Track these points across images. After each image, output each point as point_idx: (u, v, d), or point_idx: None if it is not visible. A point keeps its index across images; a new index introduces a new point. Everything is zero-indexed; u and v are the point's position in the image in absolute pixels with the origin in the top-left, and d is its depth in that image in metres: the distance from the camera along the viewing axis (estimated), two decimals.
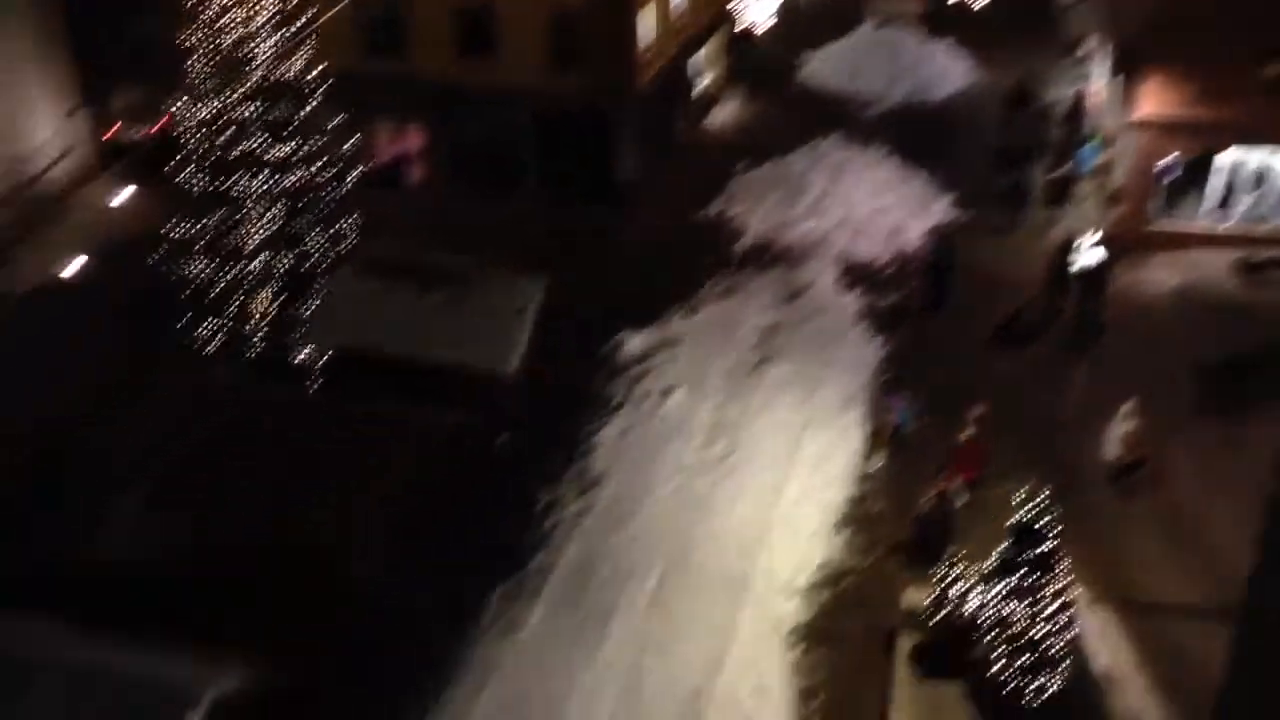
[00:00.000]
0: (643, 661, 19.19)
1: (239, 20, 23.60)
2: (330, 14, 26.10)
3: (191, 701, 16.10)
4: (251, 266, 24.67)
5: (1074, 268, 26.90)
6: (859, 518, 22.61)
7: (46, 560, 20.10)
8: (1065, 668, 18.04)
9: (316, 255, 25.22)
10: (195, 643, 17.24)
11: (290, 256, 24.99)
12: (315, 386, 24.18)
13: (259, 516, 21.16)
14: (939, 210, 31.51)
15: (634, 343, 26.40)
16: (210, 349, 24.58)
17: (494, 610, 20.22)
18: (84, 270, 26.78)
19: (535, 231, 28.81)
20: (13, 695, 15.90)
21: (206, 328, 24.54)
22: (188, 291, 24.57)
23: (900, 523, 21.89)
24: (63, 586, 19.30)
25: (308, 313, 24.75)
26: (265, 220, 24.59)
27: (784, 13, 41.68)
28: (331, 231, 25.51)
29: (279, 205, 24.73)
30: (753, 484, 23.18)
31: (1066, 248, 27.60)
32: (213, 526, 21.04)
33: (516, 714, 18.25)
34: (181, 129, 24.34)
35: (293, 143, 24.62)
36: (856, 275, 29.17)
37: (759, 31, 40.07)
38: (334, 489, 21.69)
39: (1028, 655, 18.01)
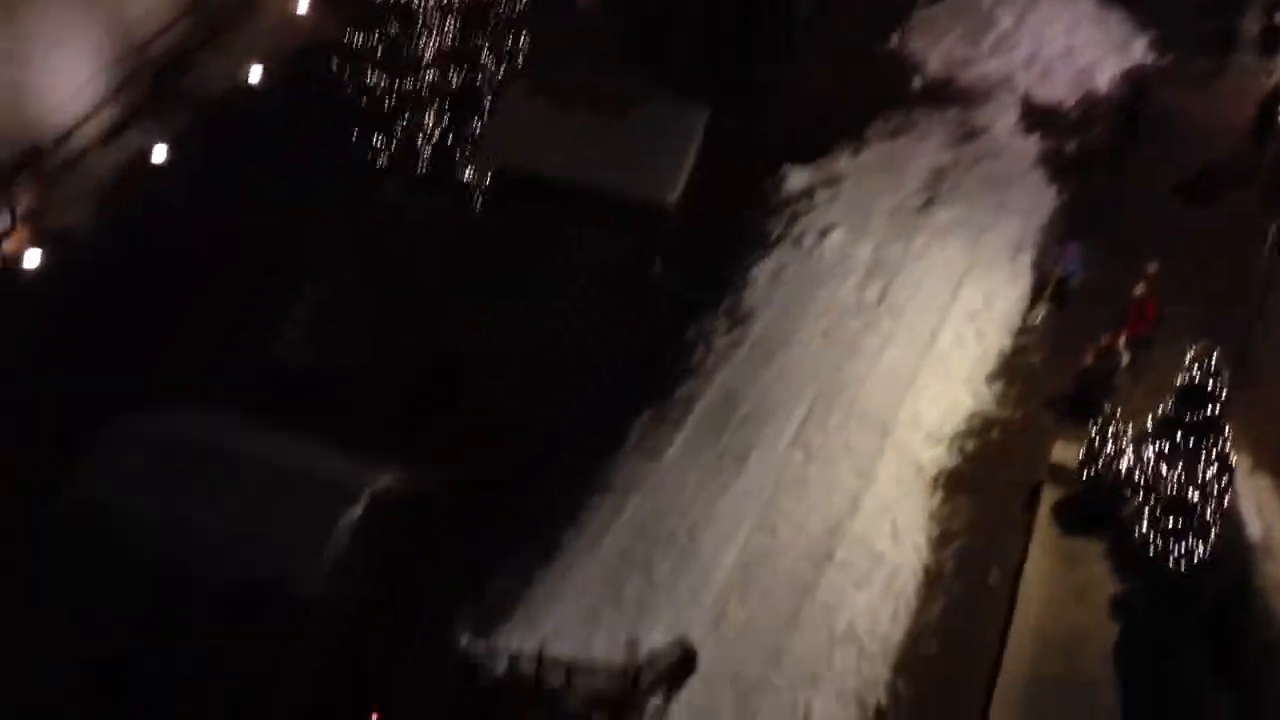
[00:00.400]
0: (779, 498, 19.41)
1: None
2: None
3: (351, 497, 17.02)
4: (423, 82, 24.90)
5: None
6: (1014, 369, 22.09)
7: (225, 356, 21.22)
8: (1215, 533, 17.59)
9: (487, 74, 25.29)
10: (356, 442, 18.18)
11: (461, 73, 25.12)
12: (479, 204, 24.58)
13: (420, 326, 21.85)
14: (1135, 52, 29.51)
15: (796, 178, 25.81)
16: (381, 162, 25.08)
17: (637, 434, 20.65)
18: (266, 78, 27.39)
19: (703, 58, 28.12)
20: (186, 480, 17.05)
21: (378, 141, 25.01)
22: (363, 103, 25.00)
23: (1057, 377, 21.37)
24: (238, 382, 20.42)
25: (475, 131, 24.97)
26: (439, 35, 24.70)
27: None
28: (502, 50, 25.47)
29: (453, 20, 24.80)
30: (906, 328, 22.78)
31: (1275, 98, 25.72)
32: (377, 333, 21.89)
33: (652, 537, 18.74)
34: None
35: None
36: (1039, 118, 27.73)
37: None
38: (493, 303, 22.22)
39: (1177, 518, 17.59)
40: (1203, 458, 17.56)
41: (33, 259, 22.87)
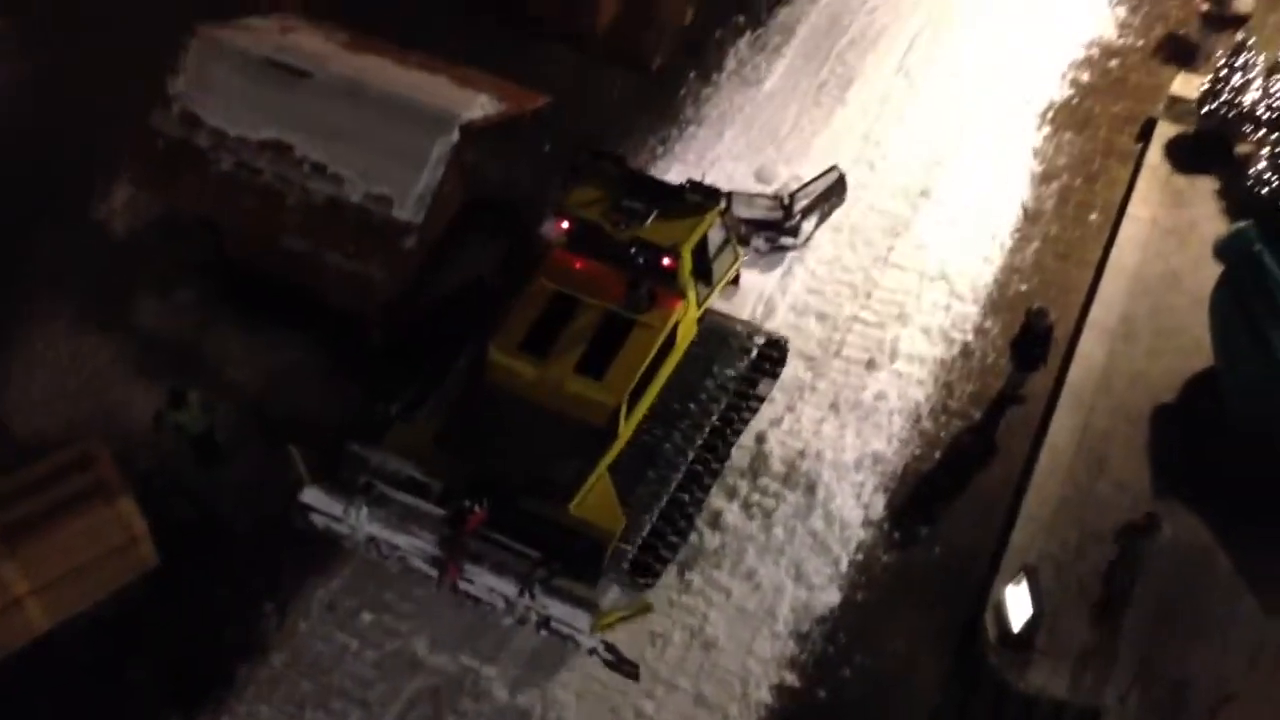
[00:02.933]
0: (878, 131, 18.88)
1: None
2: None
3: (446, 125, 16.85)
4: None
5: None
6: None
7: None
8: None
9: None
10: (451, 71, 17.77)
11: None
12: None
13: None
14: None
15: None
16: None
17: (734, 61, 19.98)
18: None
19: None
20: (279, 96, 16.89)
21: None
22: None
23: (1187, 9, 19.89)
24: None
25: None
26: None
27: None
28: None
29: None
30: None
31: None
32: None
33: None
34: None
35: None
36: None
37: None
38: None
39: None
40: None
41: None
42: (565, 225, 14.93)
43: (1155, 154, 18.34)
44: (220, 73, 17.29)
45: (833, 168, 17.36)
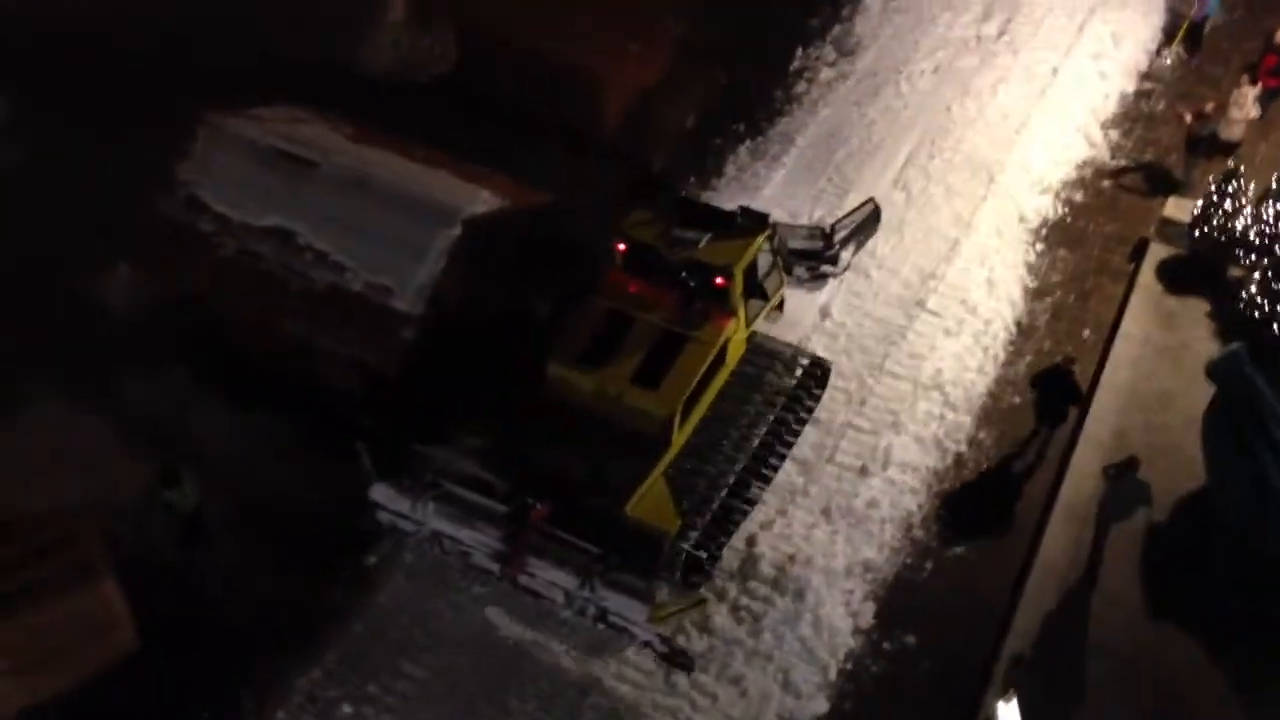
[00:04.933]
0: (877, 237, 18.90)
1: None
2: None
3: (449, 218, 17.01)
4: None
5: None
6: (1134, 117, 21.10)
7: (321, 65, 20.90)
8: None
9: None
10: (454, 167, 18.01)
11: None
12: None
13: (510, 34, 21.16)
14: None
15: None
16: None
17: (734, 169, 20.26)
18: None
19: None
20: (286, 185, 17.15)
21: None
22: None
23: (1179, 126, 20.30)
24: (338, 94, 20.13)
25: None
26: None
27: None
28: None
29: None
30: (1023, 67, 21.75)
31: None
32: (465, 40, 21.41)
33: None
34: None
35: None
36: None
37: None
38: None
39: None
40: None
41: None
42: (621, 248, 15.64)
43: (1148, 274, 18.54)
44: (227, 160, 17.63)
45: (869, 200, 18.20)
